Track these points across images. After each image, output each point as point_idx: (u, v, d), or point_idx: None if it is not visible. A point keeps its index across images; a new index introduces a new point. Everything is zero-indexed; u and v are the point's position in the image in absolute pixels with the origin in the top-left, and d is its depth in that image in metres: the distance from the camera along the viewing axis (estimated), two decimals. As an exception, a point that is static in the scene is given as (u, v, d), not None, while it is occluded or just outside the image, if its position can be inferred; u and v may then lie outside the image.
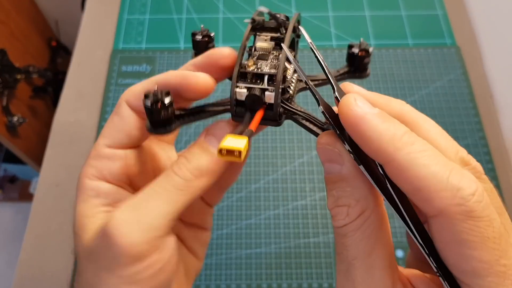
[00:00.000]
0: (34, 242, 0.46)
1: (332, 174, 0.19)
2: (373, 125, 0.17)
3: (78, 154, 0.51)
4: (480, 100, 0.54)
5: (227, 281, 0.44)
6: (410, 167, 0.16)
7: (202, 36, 0.25)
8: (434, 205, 0.16)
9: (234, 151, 0.18)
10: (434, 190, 0.16)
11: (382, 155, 0.17)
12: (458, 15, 0.62)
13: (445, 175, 0.16)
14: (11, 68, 0.96)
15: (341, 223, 0.18)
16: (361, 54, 0.25)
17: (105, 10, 0.63)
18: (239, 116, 0.22)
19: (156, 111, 0.20)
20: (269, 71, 0.22)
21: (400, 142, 0.16)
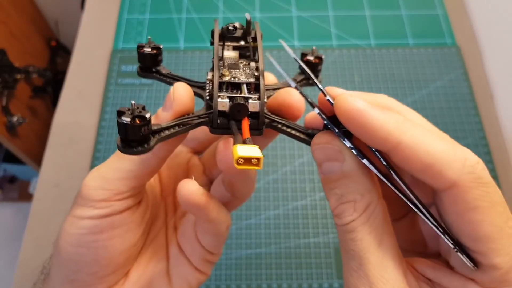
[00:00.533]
0: (34, 242, 0.46)
1: (332, 173, 0.19)
2: (375, 115, 0.17)
3: (78, 154, 0.51)
4: (480, 100, 0.54)
5: (227, 282, 0.43)
6: (418, 146, 0.17)
7: (151, 49, 0.24)
8: (447, 176, 0.16)
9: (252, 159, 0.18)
10: (446, 162, 0.16)
11: (388, 142, 0.17)
12: (458, 15, 0.62)
13: (452, 148, 0.17)
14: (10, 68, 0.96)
15: (348, 219, 0.18)
16: (315, 61, 0.26)
17: (105, 10, 0.63)
18: (221, 127, 0.21)
19: (135, 128, 0.18)
20: (247, 79, 0.22)
21: (403, 126, 0.17)
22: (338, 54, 0.58)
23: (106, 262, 0.24)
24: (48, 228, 0.47)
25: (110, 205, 0.23)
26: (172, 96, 0.22)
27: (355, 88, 0.55)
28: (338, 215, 0.19)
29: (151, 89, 0.55)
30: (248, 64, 0.23)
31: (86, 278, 0.23)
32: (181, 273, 0.27)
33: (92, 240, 0.23)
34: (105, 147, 0.51)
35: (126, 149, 0.19)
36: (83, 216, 0.23)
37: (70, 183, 0.49)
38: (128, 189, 0.23)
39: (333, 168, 0.19)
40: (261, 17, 0.62)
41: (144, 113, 0.18)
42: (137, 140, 0.19)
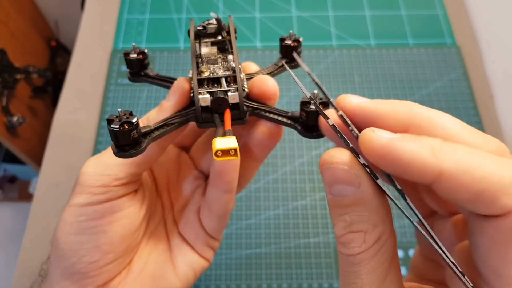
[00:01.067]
0: (34, 242, 0.46)
1: (344, 197, 0.17)
2: (405, 147, 0.15)
3: (78, 154, 0.51)
4: (480, 100, 0.54)
5: (227, 281, 0.43)
6: (464, 173, 0.14)
7: (136, 54, 0.26)
8: (501, 204, 0.14)
9: (230, 150, 0.19)
10: (500, 188, 0.14)
11: (427, 174, 0.15)
12: (458, 15, 0.62)
13: (505, 171, 0.14)
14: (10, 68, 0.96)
15: (356, 251, 0.17)
16: (293, 45, 0.27)
17: (105, 10, 0.63)
18: (206, 121, 0.23)
19: (125, 133, 0.19)
20: (224, 73, 0.23)
21: (441, 153, 0.15)
22: (338, 54, 0.58)
23: (107, 248, 0.24)
24: (48, 228, 0.46)
25: (108, 191, 0.23)
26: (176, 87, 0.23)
27: (355, 89, 0.55)
28: (344, 244, 0.17)
29: (151, 89, 0.55)
30: (225, 58, 0.24)
31: (86, 268, 0.24)
32: (186, 260, 0.28)
33: (92, 226, 0.23)
34: (105, 147, 0.51)
35: (120, 153, 0.20)
36: (82, 204, 0.23)
37: (70, 183, 0.49)
38: (126, 175, 0.24)
39: (345, 192, 0.17)
40: (261, 17, 0.62)
41: (131, 118, 0.19)
42: (129, 144, 0.20)
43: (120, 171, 0.23)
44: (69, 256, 0.23)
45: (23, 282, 0.44)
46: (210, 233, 0.29)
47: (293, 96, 0.54)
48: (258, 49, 0.58)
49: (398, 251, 0.17)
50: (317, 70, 0.56)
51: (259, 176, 0.49)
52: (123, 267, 0.26)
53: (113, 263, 0.25)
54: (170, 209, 0.30)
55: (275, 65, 0.27)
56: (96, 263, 0.24)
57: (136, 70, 0.27)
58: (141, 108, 0.54)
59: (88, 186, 0.23)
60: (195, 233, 0.28)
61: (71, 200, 0.24)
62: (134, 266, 0.26)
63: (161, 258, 0.28)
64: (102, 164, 0.23)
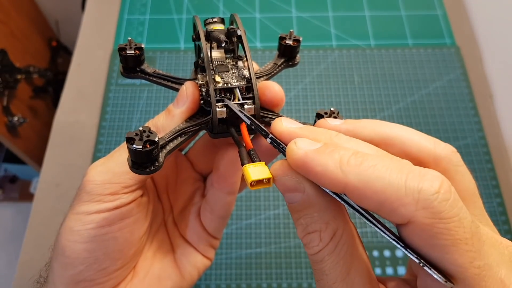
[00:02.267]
0: (35, 242, 0.46)
1: (295, 203, 0.18)
2: (316, 160, 0.17)
3: (78, 154, 0.51)
4: (480, 100, 0.55)
5: (227, 281, 0.44)
6: (364, 185, 0.15)
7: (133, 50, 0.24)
8: (399, 214, 0.15)
9: (263, 180, 0.19)
10: (395, 200, 0.15)
11: (336, 185, 0.16)
12: (457, 15, 0.62)
13: (402, 181, 0.15)
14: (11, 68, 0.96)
15: (315, 250, 0.18)
16: (293, 44, 0.26)
17: (106, 10, 0.63)
18: (220, 132, 0.22)
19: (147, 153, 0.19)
20: (238, 83, 0.23)
21: (347, 166, 0.16)
22: (338, 54, 0.58)
23: (117, 255, 0.24)
24: (49, 228, 0.47)
25: (118, 198, 0.23)
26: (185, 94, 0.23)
27: (355, 89, 0.55)
28: (306, 245, 0.18)
29: (151, 89, 0.55)
30: (235, 64, 0.24)
31: (94, 276, 0.23)
32: (190, 260, 0.28)
33: (102, 233, 0.23)
34: (105, 147, 0.51)
35: (139, 171, 0.19)
36: (90, 211, 0.23)
37: (71, 183, 0.49)
38: (135, 182, 0.24)
39: (295, 199, 0.18)
40: (261, 18, 0.62)
41: (153, 137, 0.19)
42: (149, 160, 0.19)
43: (130, 179, 0.23)
44: (76, 264, 0.23)
45: (24, 282, 0.44)
46: (212, 233, 0.29)
47: (293, 96, 0.54)
48: (258, 49, 0.59)
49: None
50: (317, 70, 0.57)
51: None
52: (129, 271, 0.26)
53: (121, 269, 0.25)
54: (170, 211, 0.30)
55: (274, 64, 0.27)
56: (105, 270, 0.24)
57: (131, 66, 0.25)
58: (142, 108, 0.54)
59: (97, 194, 0.23)
60: (197, 235, 0.29)
61: (76, 208, 0.23)
62: (139, 269, 0.27)
63: (165, 260, 0.28)
64: (110, 172, 0.23)
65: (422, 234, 0.15)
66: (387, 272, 0.44)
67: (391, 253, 0.45)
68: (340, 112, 0.53)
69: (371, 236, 0.46)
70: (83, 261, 0.23)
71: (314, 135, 0.19)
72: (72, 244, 0.23)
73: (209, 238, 0.29)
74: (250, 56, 0.23)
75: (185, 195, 0.30)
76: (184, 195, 0.30)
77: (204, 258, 0.29)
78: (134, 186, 0.24)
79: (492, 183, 0.48)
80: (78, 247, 0.23)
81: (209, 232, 0.29)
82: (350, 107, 0.54)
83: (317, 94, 0.55)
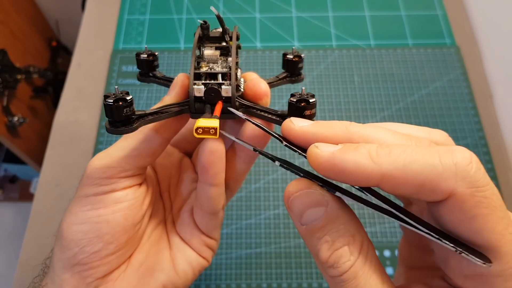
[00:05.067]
0: (35, 242, 0.46)
1: (318, 220, 0.18)
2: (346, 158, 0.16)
3: (79, 154, 0.51)
4: (480, 100, 0.55)
5: (227, 281, 0.44)
6: (401, 171, 0.16)
7: (147, 55, 0.28)
8: (441, 190, 0.15)
9: (210, 129, 0.20)
10: (435, 177, 0.15)
11: (372, 177, 0.16)
12: (457, 15, 0.62)
13: (436, 159, 0.16)
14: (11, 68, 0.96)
15: (347, 266, 0.17)
16: (295, 60, 0.28)
17: (106, 10, 0.63)
18: (198, 112, 0.24)
19: (118, 109, 0.20)
20: (222, 70, 0.24)
21: (378, 158, 0.16)
22: (338, 54, 0.58)
23: (109, 239, 0.24)
24: (49, 228, 0.47)
25: (114, 182, 0.24)
26: (175, 82, 0.25)
27: (355, 89, 0.55)
28: (333, 265, 0.17)
29: (151, 89, 0.55)
30: (226, 59, 0.25)
31: (88, 259, 0.24)
32: (185, 257, 0.29)
33: (95, 215, 0.24)
34: (105, 147, 0.51)
35: (112, 129, 0.21)
36: (88, 194, 0.24)
37: (71, 183, 0.49)
38: (131, 167, 0.25)
39: (318, 215, 0.18)
40: (261, 18, 0.62)
41: (126, 96, 0.21)
42: (122, 121, 0.21)
43: (126, 163, 0.24)
44: (72, 246, 0.24)
45: (23, 282, 0.44)
46: (204, 231, 0.29)
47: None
48: (258, 49, 0.59)
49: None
50: (317, 70, 0.57)
51: (259, 176, 0.50)
52: (123, 260, 0.26)
53: (114, 254, 0.25)
54: (170, 210, 0.31)
55: (276, 77, 0.29)
56: (97, 253, 0.24)
57: (146, 71, 0.29)
58: (142, 108, 0.54)
59: (95, 177, 0.24)
60: (190, 232, 0.29)
61: (78, 191, 0.25)
62: (134, 261, 0.27)
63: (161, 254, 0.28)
64: (108, 156, 0.24)
65: (463, 206, 0.15)
66: (388, 272, 0.44)
67: (391, 253, 0.45)
68: (340, 112, 0.53)
69: (370, 236, 0.46)
70: (78, 243, 0.24)
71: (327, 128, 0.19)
72: (69, 225, 0.24)
73: (202, 235, 0.29)
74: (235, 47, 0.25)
75: (184, 194, 0.31)
76: (183, 195, 0.31)
77: (199, 257, 0.29)
78: (130, 171, 0.25)
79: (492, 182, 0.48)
80: (74, 228, 0.24)
81: (201, 229, 0.29)
82: (350, 107, 0.54)
83: (317, 94, 0.55)
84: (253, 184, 0.49)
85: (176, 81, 0.25)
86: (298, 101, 0.22)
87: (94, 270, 0.24)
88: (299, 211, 0.18)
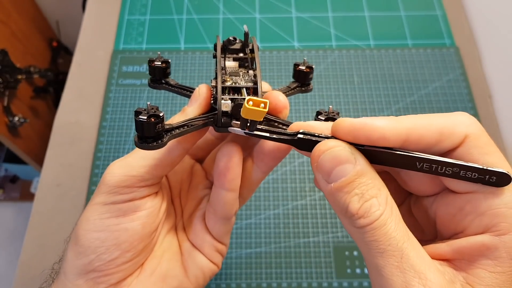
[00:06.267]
0: (35, 242, 0.46)
1: (346, 176, 0.19)
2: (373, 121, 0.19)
3: (79, 154, 0.51)
4: (479, 100, 0.55)
5: (227, 280, 0.44)
6: (422, 124, 0.19)
7: (160, 62, 0.28)
8: (459, 132, 0.19)
9: (260, 103, 0.20)
10: (452, 124, 0.19)
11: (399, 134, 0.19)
12: (457, 16, 0.62)
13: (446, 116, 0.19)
14: (12, 68, 0.96)
15: (377, 214, 0.18)
16: (306, 70, 0.29)
17: (106, 11, 0.63)
18: (224, 126, 0.24)
19: (151, 125, 0.21)
20: (246, 84, 0.24)
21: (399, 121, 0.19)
22: (338, 54, 0.58)
23: (127, 247, 0.25)
24: (50, 228, 0.47)
25: (133, 191, 0.24)
26: (198, 93, 0.25)
27: (355, 89, 0.55)
28: (363, 215, 0.18)
29: (152, 89, 0.55)
30: (247, 72, 0.26)
31: (104, 266, 0.24)
32: (196, 263, 0.29)
33: (114, 223, 0.24)
34: (106, 147, 0.51)
35: (142, 145, 0.21)
36: (107, 202, 0.24)
37: (71, 183, 0.49)
38: (151, 176, 0.25)
39: (347, 170, 0.19)
40: (260, 18, 0.62)
41: (158, 112, 0.21)
42: (152, 137, 0.21)
43: (146, 172, 0.24)
44: (88, 253, 0.24)
45: (24, 281, 0.44)
46: (216, 236, 0.29)
47: (293, 97, 0.55)
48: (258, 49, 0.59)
49: None
50: (317, 70, 0.57)
51: (259, 176, 0.50)
52: (137, 267, 0.27)
53: (130, 262, 0.25)
54: (181, 216, 0.31)
55: (287, 87, 0.29)
56: (114, 261, 0.24)
57: (158, 77, 0.29)
58: (142, 108, 0.54)
59: (114, 186, 0.24)
60: (201, 237, 0.29)
61: (95, 199, 0.25)
62: (147, 267, 0.27)
63: (173, 260, 0.28)
64: (128, 166, 0.24)
65: (479, 143, 0.19)
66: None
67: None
68: (340, 112, 0.53)
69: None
70: (95, 250, 0.24)
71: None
72: (86, 233, 0.24)
73: (213, 241, 0.29)
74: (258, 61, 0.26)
75: (195, 200, 0.31)
76: (194, 201, 0.31)
77: (210, 263, 0.29)
78: (149, 181, 0.25)
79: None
80: (92, 235, 0.24)
81: (213, 235, 0.29)
82: (349, 107, 0.54)
83: (317, 94, 0.55)
84: (253, 184, 0.49)
85: (198, 93, 0.25)
86: (326, 119, 0.23)
87: (109, 277, 0.24)
88: (328, 169, 0.19)
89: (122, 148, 0.51)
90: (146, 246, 0.26)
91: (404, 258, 0.17)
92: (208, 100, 0.25)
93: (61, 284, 0.25)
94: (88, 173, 0.50)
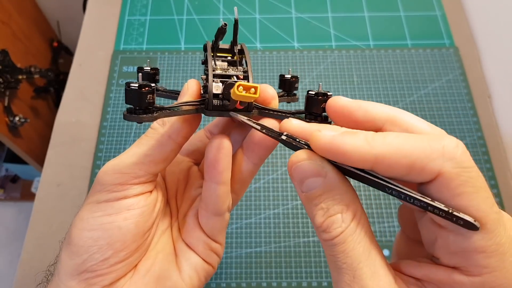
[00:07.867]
0: (36, 242, 0.46)
1: (316, 189, 0.19)
2: (345, 141, 0.18)
3: (80, 154, 0.51)
4: (478, 100, 0.55)
5: (227, 280, 0.44)
6: (394, 152, 0.17)
7: (150, 68, 0.29)
8: (429, 170, 0.17)
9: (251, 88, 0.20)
10: (424, 157, 0.17)
11: (367, 159, 0.18)
12: (456, 16, 0.62)
13: (425, 142, 0.17)
14: (13, 68, 0.96)
15: (338, 231, 0.18)
16: (292, 80, 0.29)
17: (107, 11, 0.63)
18: (215, 109, 0.24)
19: (143, 94, 0.20)
20: (236, 73, 0.25)
21: (374, 142, 0.18)
22: (337, 55, 0.58)
23: (119, 246, 0.24)
24: (50, 228, 0.47)
25: (126, 188, 0.24)
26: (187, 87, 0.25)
27: (354, 89, 0.56)
28: (326, 230, 0.19)
29: (152, 89, 0.55)
30: (236, 68, 0.26)
31: (97, 266, 0.24)
32: (190, 263, 0.28)
33: (107, 221, 0.24)
34: (106, 146, 0.51)
35: (131, 116, 0.21)
36: (100, 200, 0.24)
37: (72, 182, 0.50)
38: (144, 173, 0.25)
39: (316, 184, 0.19)
40: (260, 18, 0.62)
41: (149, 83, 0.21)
42: (143, 109, 0.21)
43: (139, 169, 0.24)
44: (81, 253, 0.24)
45: (25, 281, 0.45)
46: (209, 233, 0.29)
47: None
48: (258, 49, 0.59)
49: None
50: (317, 70, 0.57)
51: (259, 175, 0.50)
52: (131, 268, 0.26)
53: (123, 262, 0.25)
54: (176, 217, 0.31)
55: None
56: (107, 260, 0.24)
57: None
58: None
59: (107, 184, 0.24)
60: (195, 236, 0.29)
61: (89, 198, 0.25)
62: (141, 267, 0.27)
63: (167, 261, 0.28)
64: (121, 163, 0.24)
65: (450, 184, 0.17)
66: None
67: (390, 253, 0.45)
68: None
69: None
70: (87, 250, 0.24)
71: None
72: (80, 232, 0.24)
73: (206, 239, 0.29)
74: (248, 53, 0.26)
75: (190, 200, 0.31)
76: (189, 200, 0.31)
77: (204, 263, 0.29)
78: (143, 178, 0.25)
79: (491, 182, 0.49)
80: (84, 234, 0.24)
81: (206, 232, 0.29)
82: (349, 107, 0.54)
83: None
84: (253, 183, 0.49)
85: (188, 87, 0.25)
86: (316, 94, 0.24)
87: (101, 277, 0.24)
88: (300, 179, 0.20)
89: (123, 148, 0.51)
90: (140, 246, 0.26)
91: (357, 278, 0.18)
92: (198, 92, 0.25)
93: (54, 286, 0.24)
94: (88, 172, 0.50)
